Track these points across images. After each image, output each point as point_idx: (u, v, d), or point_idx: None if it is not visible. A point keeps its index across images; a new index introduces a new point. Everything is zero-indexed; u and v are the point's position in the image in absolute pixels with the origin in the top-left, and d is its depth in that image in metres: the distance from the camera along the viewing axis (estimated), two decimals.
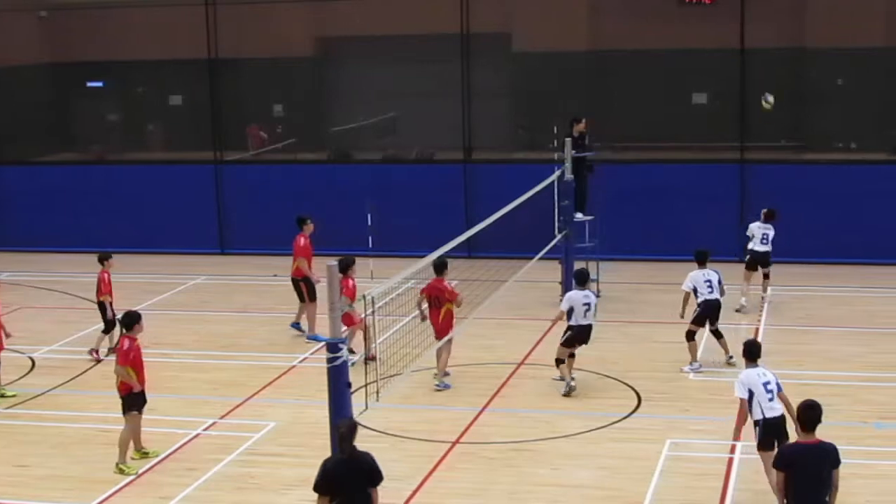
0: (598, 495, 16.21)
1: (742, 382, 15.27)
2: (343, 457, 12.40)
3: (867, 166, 30.48)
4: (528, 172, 26.50)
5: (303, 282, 23.75)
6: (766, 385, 15.17)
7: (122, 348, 17.35)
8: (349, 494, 12.34)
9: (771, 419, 15.09)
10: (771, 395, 15.14)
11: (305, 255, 23.69)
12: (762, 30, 30.66)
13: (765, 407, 15.12)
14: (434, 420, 19.19)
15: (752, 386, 15.19)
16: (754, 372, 15.32)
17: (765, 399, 15.11)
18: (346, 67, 34.79)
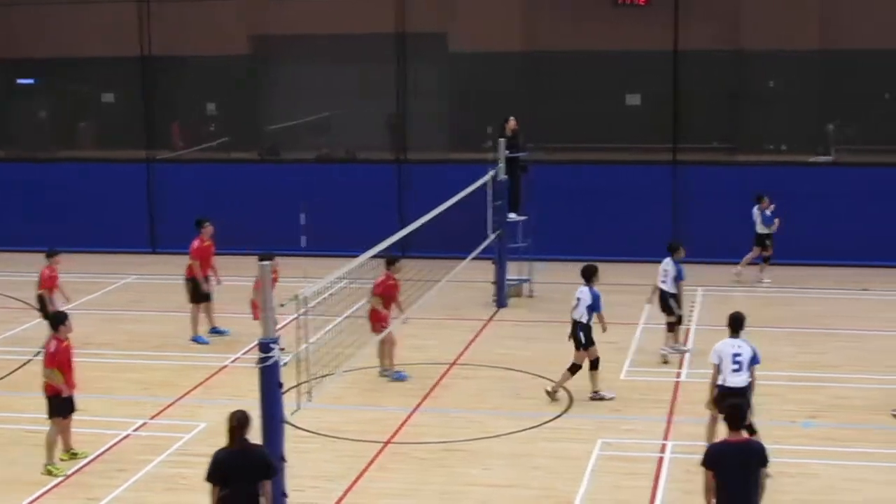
0: (529, 495, 16.24)
1: (715, 350, 16.36)
2: (234, 448, 12.47)
3: (798, 168, 30.76)
4: (462, 172, 26.50)
5: (190, 282, 23.66)
6: (736, 356, 16.17)
7: (49, 350, 17.10)
8: (239, 486, 12.40)
9: (728, 387, 16.00)
10: (738, 366, 16.16)
11: (199, 258, 23.61)
12: (696, 32, 30.86)
13: (727, 375, 16.12)
14: (366, 420, 19.16)
15: (722, 354, 16.25)
16: (729, 342, 16.36)
17: (729, 368, 16.13)
18: (281, 66, 34.71)
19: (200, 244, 23.76)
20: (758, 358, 16.41)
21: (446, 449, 17.90)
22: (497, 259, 26.06)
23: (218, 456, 12.56)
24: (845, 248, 29.36)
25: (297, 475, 14.98)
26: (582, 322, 19.78)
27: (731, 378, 16.17)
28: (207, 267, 23.76)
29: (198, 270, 23.56)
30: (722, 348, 16.37)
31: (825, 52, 31.40)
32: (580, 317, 19.78)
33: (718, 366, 16.28)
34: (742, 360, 16.23)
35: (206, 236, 23.86)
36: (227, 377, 21.53)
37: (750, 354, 16.31)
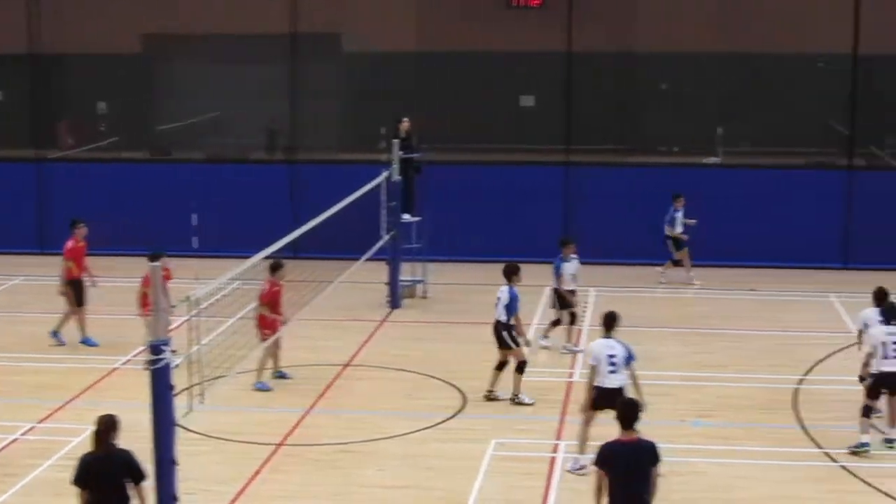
0: (423, 495, 16.27)
1: (590, 351, 16.82)
2: (100, 452, 12.45)
3: (690, 169, 31.09)
4: (356, 173, 26.47)
5: (69, 285, 23.42)
6: (611, 357, 16.48)
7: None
8: (104, 490, 12.38)
9: (604, 388, 16.44)
10: (613, 367, 16.51)
11: (72, 258, 23.37)
12: (589, 33, 31.06)
13: (604, 376, 16.44)
14: (259, 422, 19.07)
15: (597, 356, 16.57)
16: (603, 342, 16.70)
17: (605, 369, 16.45)
18: (173, 65, 34.38)
19: (74, 245, 23.50)
20: (633, 356, 16.75)
21: (340, 450, 17.88)
22: (391, 260, 26.07)
23: (83, 459, 12.55)
24: (734, 248, 29.74)
25: (188, 478, 14.87)
26: (502, 321, 19.88)
27: (609, 379, 16.50)
28: (82, 267, 23.51)
29: (76, 271, 23.30)
30: (597, 349, 16.68)
31: (717, 54, 31.74)
32: (500, 316, 19.89)
33: (596, 367, 16.56)
34: (617, 360, 16.55)
35: (79, 237, 23.60)
36: (118, 380, 21.31)
37: (624, 354, 16.65)
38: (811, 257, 29.92)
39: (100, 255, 28.66)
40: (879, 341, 17.52)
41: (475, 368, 21.55)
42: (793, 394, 20.41)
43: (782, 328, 24.81)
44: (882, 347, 17.45)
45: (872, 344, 17.67)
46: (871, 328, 17.99)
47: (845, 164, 30.45)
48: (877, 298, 18.78)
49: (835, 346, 23.18)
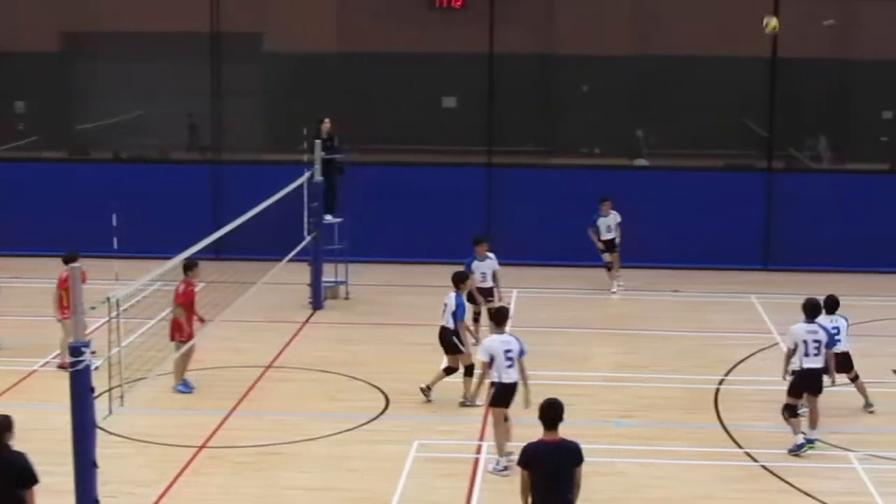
0: (346, 497, 16.24)
1: (486, 348, 16.88)
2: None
3: (610, 171, 31.26)
4: (278, 174, 26.37)
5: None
6: (508, 353, 16.77)
7: None
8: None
9: (505, 384, 16.78)
10: (510, 362, 16.79)
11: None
12: (511, 35, 31.16)
13: (502, 372, 16.74)
14: (180, 424, 18.93)
15: (493, 351, 16.76)
16: (499, 339, 16.89)
17: (503, 365, 16.73)
18: (93, 64, 34.04)
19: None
20: (524, 350, 17.04)
21: (262, 452, 17.79)
22: (313, 261, 25.98)
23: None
24: (656, 250, 29.91)
25: (109, 481, 14.74)
26: (449, 328, 19.88)
27: (507, 374, 16.79)
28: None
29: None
30: (493, 346, 16.85)
31: (637, 57, 31.95)
32: (447, 322, 19.84)
33: (492, 364, 16.79)
34: (513, 355, 16.80)
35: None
36: (38, 381, 21.06)
37: (518, 348, 16.92)
38: (732, 259, 30.19)
39: (19, 255, 28.43)
40: (800, 339, 17.64)
41: (398, 370, 21.56)
42: (714, 394, 20.57)
43: (704, 329, 25.02)
44: (803, 345, 17.59)
45: (794, 341, 17.75)
46: (793, 326, 18.00)
47: (765, 166, 30.76)
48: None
49: (755, 346, 23.43)
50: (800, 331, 17.73)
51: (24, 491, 12.31)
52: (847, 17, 31.51)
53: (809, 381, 17.70)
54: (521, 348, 16.96)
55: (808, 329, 17.70)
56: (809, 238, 30.06)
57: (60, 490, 14.46)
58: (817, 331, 17.70)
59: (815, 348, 17.60)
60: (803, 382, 17.71)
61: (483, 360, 16.89)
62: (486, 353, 16.86)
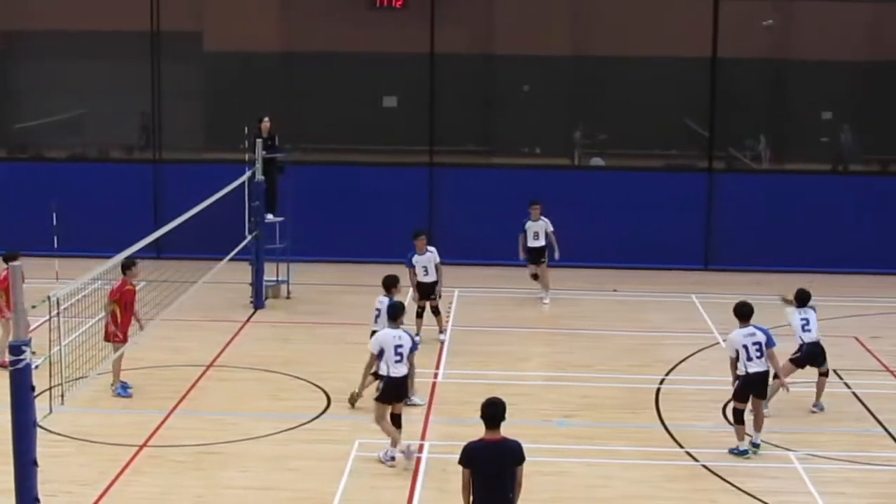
0: (287, 497, 16.21)
1: (376, 340, 17.33)
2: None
3: (551, 171, 31.38)
4: (219, 172, 26.29)
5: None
6: (399, 348, 17.11)
7: None
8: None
9: (394, 378, 17.09)
10: (399, 357, 17.13)
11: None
12: (452, 35, 31.22)
13: (391, 366, 17.07)
14: (120, 423, 18.84)
15: (384, 345, 17.13)
16: (391, 333, 17.23)
17: (392, 359, 17.05)
18: (32, 62, 33.77)
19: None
20: (416, 345, 17.56)
21: (203, 452, 17.73)
22: (254, 260, 25.92)
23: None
24: (596, 250, 30.04)
25: (49, 480, 14.63)
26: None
27: (395, 369, 17.12)
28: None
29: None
30: (386, 339, 17.15)
31: (578, 58, 32.09)
32: (377, 326, 19.54)
33: (378, 355, 17.14)
34: (403, 350, 17.14)
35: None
36: None
37: (409, 344, 17.23)
38: (673, 258, 30.36)
39: None
40: (740, 345, 17.60)
41: (339, 369, 21.53)
42: (655, 393, 20.68)
43: (644, 328, 25.14)
44: (744, 350, 17.54)
45: (734, 349, 17.66)
46: (731, 334, 17.88)
47: (705, 166, 30.96)
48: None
49: (696, 346, 23.57)
50: (737, 337, 17.69)
51: None
52: (786, 17, 31.79)
53: (755, 386, 17.70)
54: (413, 344, 17.28)
55: (745, 333, 17.66)
56: (750, 238, 30.30)
57: (2, 489, 14.42)
58: (754, 333, 17.68)
59: (756, 351, 17.57)
60: (749, 387, 17.67)
61: (373, 353, 17.20)
62: (377, 345, 17.14)
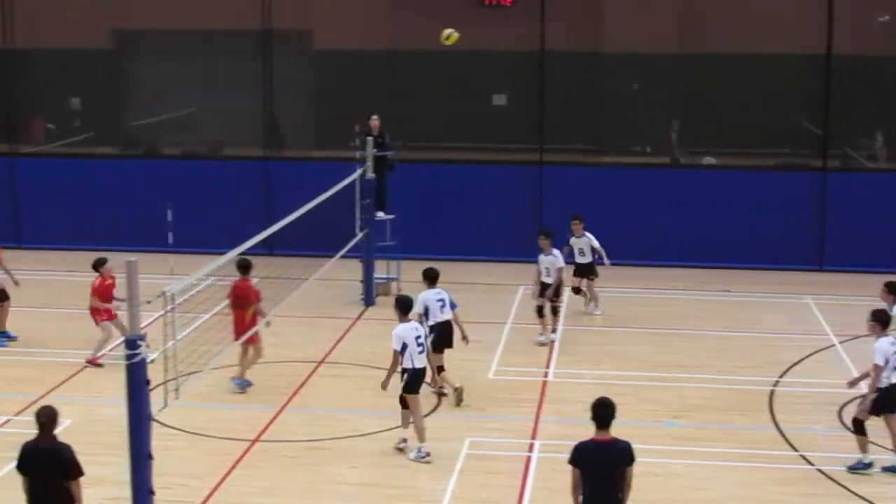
0: (396, 494, 16.27)
1: (397, 335, 17.28)
2: (43, 442, 12.68)
3: (661, 170, 31.19)
4: (330, 170, 26.45)
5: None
6: (417, 339, 17.38)
7: None
8: (39, 479, 12.61)
9: (417, 369, 17.35)
10: (421, 347, 17.38)
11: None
12: (561, 33, 31.12)
13: (415, 358, 17.29)
14: (233, 418, 19.05)
15: (405, 339, 17.25)
16: (409, 326, 17.40)
17: (415, 351, 17.29)
18: (146, 61, 34.26)
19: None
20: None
21: (313, 447, 17.87)
22: (364, 257, 26.05)
23: (23, 447, 12.80)
24: (708, 249, 29.79)
25: (163, 473, 14.83)
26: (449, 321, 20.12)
27: (419, 360, 17.37)
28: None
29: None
30: (404, 333, 17.29)
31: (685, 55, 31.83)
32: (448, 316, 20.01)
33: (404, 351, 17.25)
34: (422, 340, 17.51)
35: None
36: (92, 374, 21.24)
37: (424, 333, 17.85)
38: (786, 259, 29.97)
39: (75, 250, 28.72)
40: (892, 353, 16.62)
41: (449, 367, 21.55)
42: (768, 395, 20.43)
43: (757, 329, 24.85)
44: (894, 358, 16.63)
45: (883, 357, 16.57)
46: (877, 341, 16.71)
47: (819, 165, 30.53)
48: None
49: (811, 348, 23.24)
50: (885, 345, 16.65)
51: (69, 483, 12.48)
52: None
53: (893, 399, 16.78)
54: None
55: (890, 342, 16.68)
56: (865, 238, 29.81)
57: (117, 481, 14.70)
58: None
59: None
60: (887, 399, 16.73)
61: (396, 349, 17.24)
62: (399, 340, 17.25)
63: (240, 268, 20.13)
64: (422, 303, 19.73)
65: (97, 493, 15.19)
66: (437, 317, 19.94)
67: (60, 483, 12.52)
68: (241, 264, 20.06)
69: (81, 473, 12.64)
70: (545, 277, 23.13)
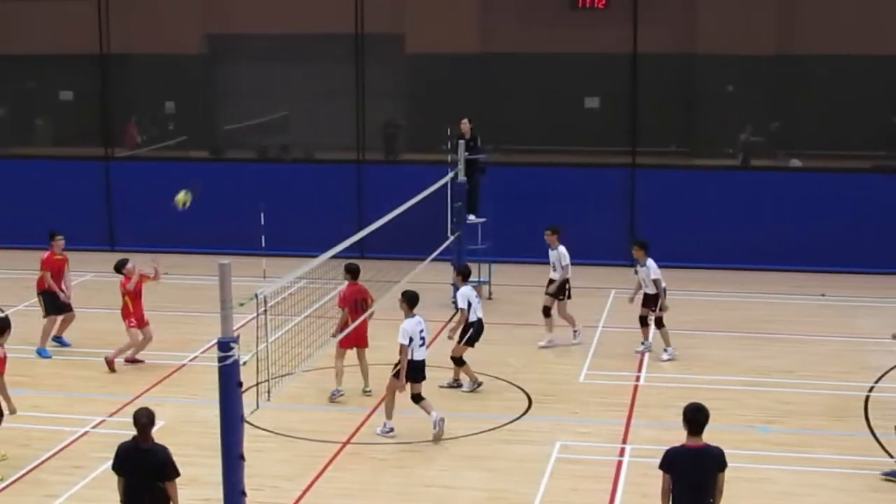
0: (486, 497, 16.26)
1: (404, 330, 18.11)
2: (136, 444, 12.90)
3: (754, 172, 30.92)
4: (421, 174, 26.50)
5: (41, 295, 23.46)
6: (421, 333, 18.31)
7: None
8: (135, 480, 12.78)
9: (415, 361, 18.23)
10: (423, 342, 18.34)
11: (48, 269, 23.42)
12: (654, 35, 30.95)
13: (415, 351, 18.20)
14: (324, 420, 19.15)
15: (412, 334, 18.16)
16: (414, 321, 18.26)
17: (417, 345, 18.24)
18: (238, 65, 34.57)
19: (51, 256, 23.56)
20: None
21: (404, 450, 17.92)
22: (456, 261, 26.03)
23: (119, 448, 13.00)
24: (805, 253, 29.48)
25: (255, 474, 14.95)
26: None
27: (418, 353, 18.28)
28: (60, 279, 23.52)
29: (50, 282, 23.33)
30: (412, 328, 18.20)
31: (780, 56, 31.52)
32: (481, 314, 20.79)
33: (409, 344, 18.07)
34: (425, 335, 18.45)
35: (57, 249, 23.66)
36: (186, 376, 21.46)
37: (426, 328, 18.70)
38: (882, 263, 29.53)
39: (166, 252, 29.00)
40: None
41: (539, 370, 21.57)
42: (863, 401, 20.14)
43: (852, 334, 24.55)
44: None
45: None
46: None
47: None
48: None
49: None
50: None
51: (166, 483, 12.62)
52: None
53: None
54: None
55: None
56: None
57: (209, 482, 14.85)
58: None
59: None
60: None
61: (403, 343, 18.06)
62: (407, 335, 18.09)
63: (349, 272, 20.34)
64: (464, 298, 20.60)
65: (191, 493, 15.32)
66: (478, 313, 20.61)
67: (156, 484, 12.65)
68: (350, 269, 20.34)
69: (178, 474, 12.81)
70: (645, 288, 22.86)
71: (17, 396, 19.47)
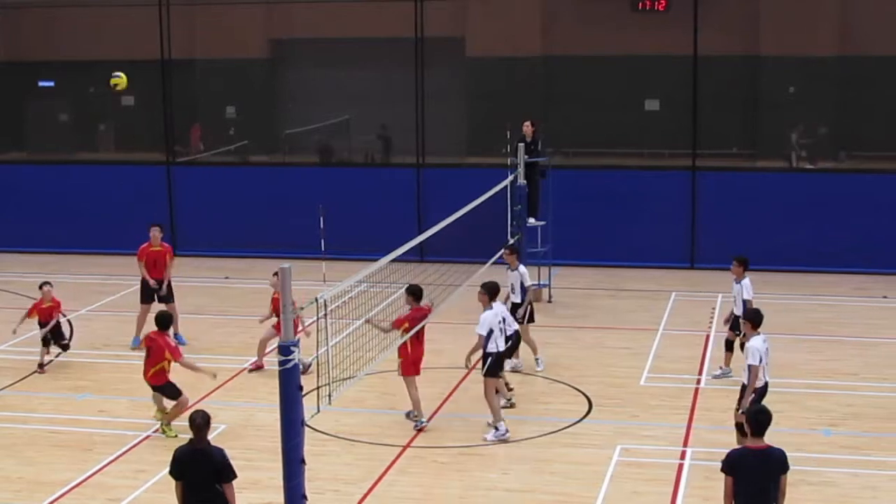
0: (547, 500, 16.24)
1: (484, 320, 18.24)
2: (193, 446, 13.02)
3: (816, 174, 30.73)
4: (481, 177, 26.53)
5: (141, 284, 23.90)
6: (500, 323, 18.44)
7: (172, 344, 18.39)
8: (193, 483, 12.90)
9: (500, 352, 18.44)
10: (501, 331, 18.36)
11: (141, 259, 23.76)
12: (715, 37, 30.86)
13: (498, 342, 18.31)
14: (384, 424, 19.19)
15: (492, 325, 18.23)
16: (493, 312, 18.38)
17: (500, 336, 18.31)
18: (300, 70, 34.78)
19: (146, 247, 23.82)
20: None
21: (465, 453, 17.93)
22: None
23: (176, 451, 13.12)
24: (868, 255, 29.25)
25: (316, 478, 15.02)
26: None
27: (502, 342, 18.47)
28: (154, 269, 23.79)
29: (142, 271, 23.72)
30: (492, 319, 18.27)
31: (842, 58, 31.35)
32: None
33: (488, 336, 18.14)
34: (504, 325, 18.55)
35: (153, 241, 23.83)
36: (246, 380, 21.56)
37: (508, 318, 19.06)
38: None
39: (226, 257, 29.23)
40: None
41: (600, 373, 21.51)
42: None
43: None
44: None
45: None
46: None
47: None
48: None
49: None
50: None
51: (223, 486, 12.72)
52: None
53: None
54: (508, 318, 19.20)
55: None
56: None
57: (270, 486, 14.93)
58: None
59: None
60: None
61: (480, 333, 18.17)
62: (486, 326, 18.19)
63: (411, 294, 19.24)
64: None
65: (252, 497, 15.43)
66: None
67: (214, 486, 12.75)
68: (413, 291, 19.24)
69: (235, 476, 12.91)
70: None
71: (83, 401, 19.78)
